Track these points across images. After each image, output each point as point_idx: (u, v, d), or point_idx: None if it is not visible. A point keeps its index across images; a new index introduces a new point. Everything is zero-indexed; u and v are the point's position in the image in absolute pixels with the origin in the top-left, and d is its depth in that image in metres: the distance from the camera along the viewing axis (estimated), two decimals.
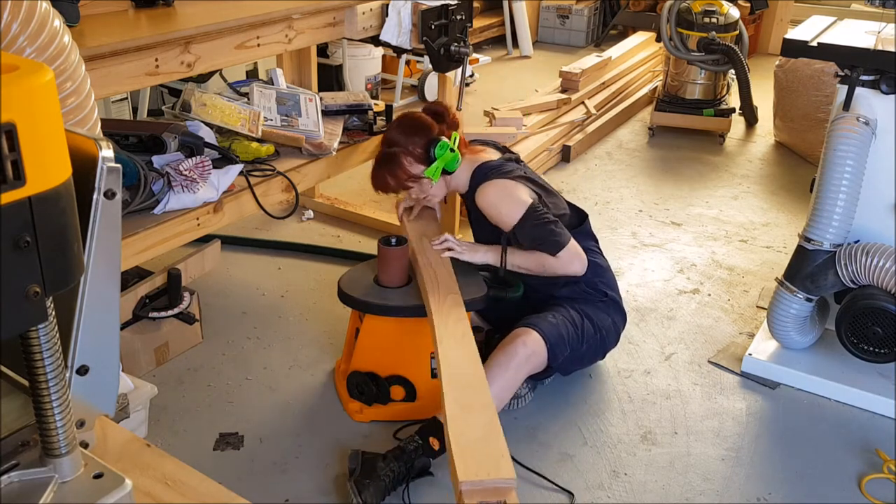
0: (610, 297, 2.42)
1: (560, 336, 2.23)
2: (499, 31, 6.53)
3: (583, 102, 4.76)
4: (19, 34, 1.29)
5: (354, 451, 2.02)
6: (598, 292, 2.39)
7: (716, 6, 4.46)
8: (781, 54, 2.52)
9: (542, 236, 2.26)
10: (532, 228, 2.26)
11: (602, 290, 2.40)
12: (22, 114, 0.70)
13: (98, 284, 0.92)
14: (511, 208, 2.27)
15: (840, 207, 2.28)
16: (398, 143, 2.35)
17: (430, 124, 2.36)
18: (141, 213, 2.16)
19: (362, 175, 3.89)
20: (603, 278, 2.42)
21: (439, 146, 2.31)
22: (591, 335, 2.33)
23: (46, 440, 0.88)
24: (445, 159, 2.32)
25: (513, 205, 2.27)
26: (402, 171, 2.34)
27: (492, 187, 2.31)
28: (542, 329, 2.21)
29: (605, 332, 2.36)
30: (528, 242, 2.29)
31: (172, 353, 2.52)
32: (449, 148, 2.32)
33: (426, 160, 2.33)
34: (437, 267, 2.26)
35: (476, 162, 2.41)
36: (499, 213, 2.29)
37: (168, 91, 4.06)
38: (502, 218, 2.29)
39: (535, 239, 2.27)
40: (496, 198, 2.29)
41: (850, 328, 2.31)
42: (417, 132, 2.35)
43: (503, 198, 2.29)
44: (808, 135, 4.21)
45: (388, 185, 2.38)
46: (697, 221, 3.61)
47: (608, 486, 2.07)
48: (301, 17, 2.53)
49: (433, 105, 2.49)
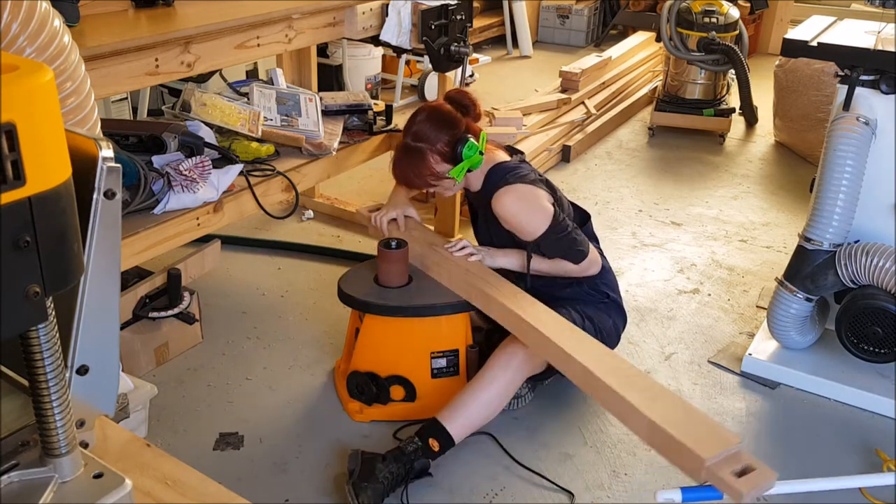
0: (611, 298, 2.41)
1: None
2: (499, 31, 6.53)
3: (583, 102, 4.76)
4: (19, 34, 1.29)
5: (354, 451, 2.02)
6: (600, 293, 2.39)
7: (716, 6, 4.46)
8: (781, 54, 2.52)
9: (567, 247, 2.24)
10: (556, 241, 2.22)
11: (604, 291, 2.39)
12: (22, 114, 0.70)
13: (98, 284, 0.92)
14: (534, 219, 2.20)
15: (840, 207, 2.28)
16: (425, 138, 2.21)
17: (458, 119, 2.24)
18: (141, 213, 2.16)
19: (362, 175, 3.90)
20: (604, 279, 2.42)
21: (468, 146, 2.19)
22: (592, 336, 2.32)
23: (46, 440, 0.88)
24: (472, 161, 2.21)
25: (536, 215, 2.20)
26: (426, 169, 2.23)
27: (512, 194, 2.21)
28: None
29: (605, 334, 2.36)
30: (551, 253, 2.26)
31: (172, 353, 2.52)
32: (478, 150, 2.21)
33: (452, 159, 2.21)
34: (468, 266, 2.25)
35: (490, 161, 2.31)
36: (520, 224, 2.22)
37: (168, 91, 4.06)
38: (524, 228, 2.22)
39: (560, 250, 2.25)
40: (518, 207, 2.21)
41: (850, 328, 2.31)
42: (446, 127, 2.22)
43: (525, 208, 2.21)
44: (808, 135, 4.21)
45: (410, 180, 2.30)
46: (697, 221, 3.61)
47: (608, 486, 2.07)
48: (301, 17, 2.53)
49: (460, 96, 2.33)
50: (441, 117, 2.24)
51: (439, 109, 2.28)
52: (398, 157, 2.28)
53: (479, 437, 2.19)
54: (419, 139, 2.22)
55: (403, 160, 2.26)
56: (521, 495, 2.03)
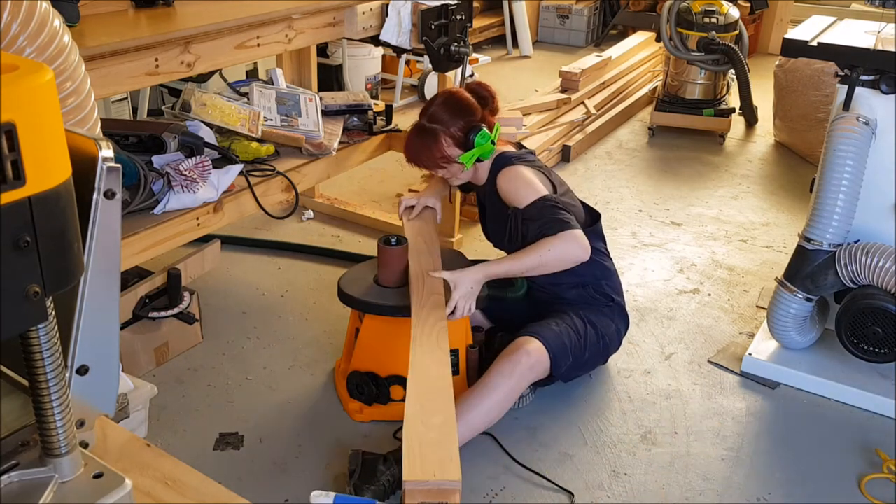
0: (616, 302, 2.41)
1: (563, 346, 2.22)
2: (499, 31, 6.53)
3: (583, 102, 4.76)
4: (19, 34, 1.29)
5: (355, 451, 2.02)
6: (605, 297, 2.38)
7: (716, 6, 4.46)
8: (781, 54, 2.51)
9: (551, 218, 2.20)
10: (542, 209, 2.22)
11: (609, 294, 2.39)
12: (22, 114, 0.70)
13: (98, 284, 0.92)
14: (529, 189, 2.25)
15: (840, 207, 2.28)
16: (440, 121, 2.27)
17: (474, 108, 2.30)
18: (141, 213, 2.16)
19: (362, 175, 3.90)
20: (609, 281, 2.41)
21: (480, 135, 2.25)
22: (594, 342, 2.33)
23: (46, 440, 0.88)
24: (483, 149, 2.27)
25: (531, 187, 2.25)
26: (437, 150, 2.28)
27: (515, 170, 2.30)
28: (546, 338, 2.20)
29: (608, 339, 2.36)
30: (534, 223, 2.22)
31: (172, 353, 2.52)
32: (490, 140, 2.27)
33: (464, 145, 2.27)
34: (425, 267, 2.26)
35: (497, 152, 2.38)
36: (516, 190, 2.27)
37: (168, 91, 4.06)
38: (518, 194, 2.26)
39: (542, 218, 2.21)
40: (518, 180, 2.28)
41: (850, 328, 2.31)
42: (461, 113, 2.28)
43: (524, 180, 2.27)
44: (808, 135, 4.21)
45: (420, 159, 2.33)
46: (697, 221, 3.61)
47: (608, 486, 2.06)
48: (301, 17, 2.53)
49: (480, 87, 2.39)
50: (458, 103, 2.30)
51: (457, 95, 2.33)
52: (411, 136, 2.33)
53: (480, 437, 2.19)
54: (434, 121, 2.28)
55: (416, 140, 2.31)
56: (521, 495, 2.03)
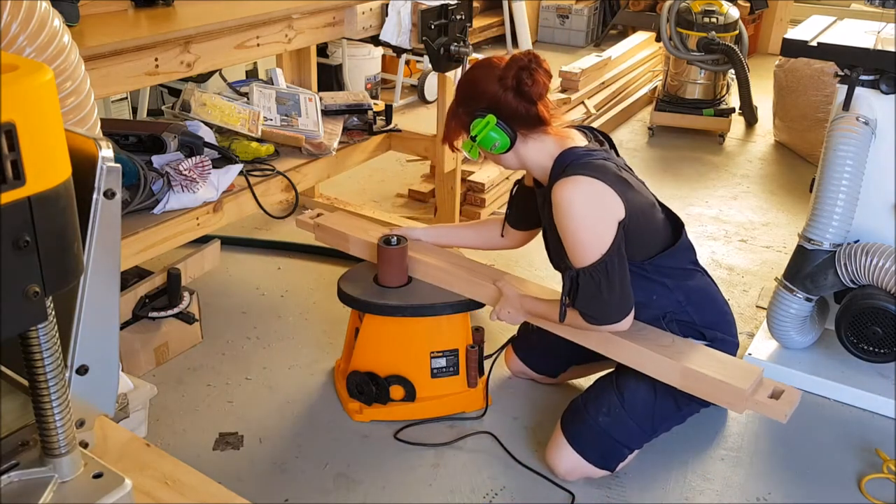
0: (706, 336, 2.02)
1: (609, 444, 1.99)
2: (498, 31, 6.52)
3: (582, 102, 4.76)
4: (19, 34, 1.29)
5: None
6: (690, 328, 2.01)
7: (716, 6, 4.46)
8: (781, 54, 2.51)
9: (598, 301, 1.86)
10: (587, 284, 1.84)
11: (694, 323, 2.02)
12: (22, 114, 0.70)
13: (98, 284, 0.92)
14: (584, 237, 1.82)
15: (840, 207, 2.28)
16: (455, 100, 1.99)
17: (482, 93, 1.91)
18: (141, 212, 2.17)
19: (362, 175, 3.90)
20: (699, 308, 2.02)
21: (474, 125, 1.91)
22: (670, 415, 2.04)
23: (46, 440, 0.88)
24: (486, 143, 1.92)
25: (589, 233, 1.82)
26: (449, 130, 2.00)
27: (575, 188, 1.81)
28: (582, 445, 1.99)
29: (687, 412, 2.06)
30: (580, 292, 1.88)
31: (172, 352, 2.52)
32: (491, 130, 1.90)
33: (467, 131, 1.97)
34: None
35: (561, 147, 1.94)
36: (565, 231, 1.84)
37: (168, 91, 4.06)
38: (571, 239, 1.84)
39: (588, 295, 1.86)
40: (572, 210, 1.81)
41: (850, 328, 2.31)
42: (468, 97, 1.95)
43: (580, 218, 1.81)
44: (808, 135, 4.21)
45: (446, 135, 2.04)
46: (697, 221, 3.61)
47: (608, 486, 2.06)
48: (301, 17, 2.53)
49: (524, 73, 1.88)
50: (468, 84, 1.97)
51: (473, 74, 1.98)
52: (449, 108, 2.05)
53: (480, 437, 2.19)
54: (454, 98, 2.02)
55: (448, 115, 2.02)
56: (521, 495, 2.03)
